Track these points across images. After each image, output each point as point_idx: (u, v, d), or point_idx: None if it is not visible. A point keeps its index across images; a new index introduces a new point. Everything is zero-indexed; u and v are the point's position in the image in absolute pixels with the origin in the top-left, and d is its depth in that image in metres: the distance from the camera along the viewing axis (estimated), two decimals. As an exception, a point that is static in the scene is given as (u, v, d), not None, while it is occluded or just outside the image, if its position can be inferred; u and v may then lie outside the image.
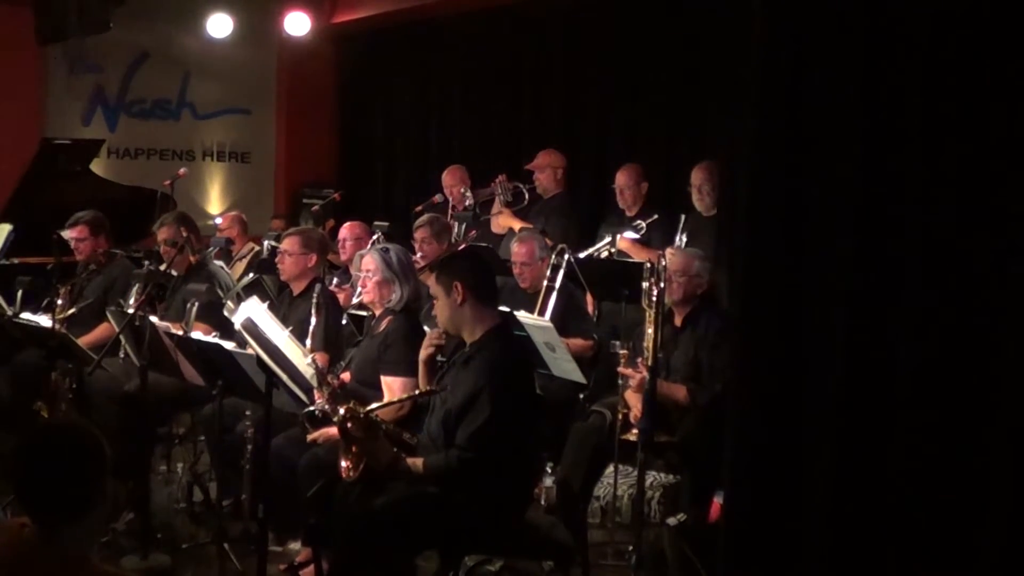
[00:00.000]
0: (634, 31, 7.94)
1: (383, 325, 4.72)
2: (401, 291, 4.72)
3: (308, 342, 5.08)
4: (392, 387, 4.48)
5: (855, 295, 3.49)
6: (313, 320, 5.15)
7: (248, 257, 7.99)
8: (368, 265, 4.78)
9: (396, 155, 10.26)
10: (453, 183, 7.73)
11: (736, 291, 4.30)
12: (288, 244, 5.55)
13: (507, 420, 3.66)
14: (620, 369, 4.96)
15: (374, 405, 3.92)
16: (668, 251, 5.45)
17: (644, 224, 6.51)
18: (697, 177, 6.22)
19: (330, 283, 6.47)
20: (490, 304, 3.93)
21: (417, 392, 4.03)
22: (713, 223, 5.95)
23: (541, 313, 5.64)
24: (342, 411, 3.80)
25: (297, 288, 5.57)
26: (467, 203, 7.41)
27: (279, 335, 4.72)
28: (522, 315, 5.26)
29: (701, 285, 5.11)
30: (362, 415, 3.79)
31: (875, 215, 3.48)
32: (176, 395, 5.47)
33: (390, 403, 4.01)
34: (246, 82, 10.78)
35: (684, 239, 6.16)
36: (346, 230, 7.05)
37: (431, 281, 3.94)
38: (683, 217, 6.29)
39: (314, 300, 5.21)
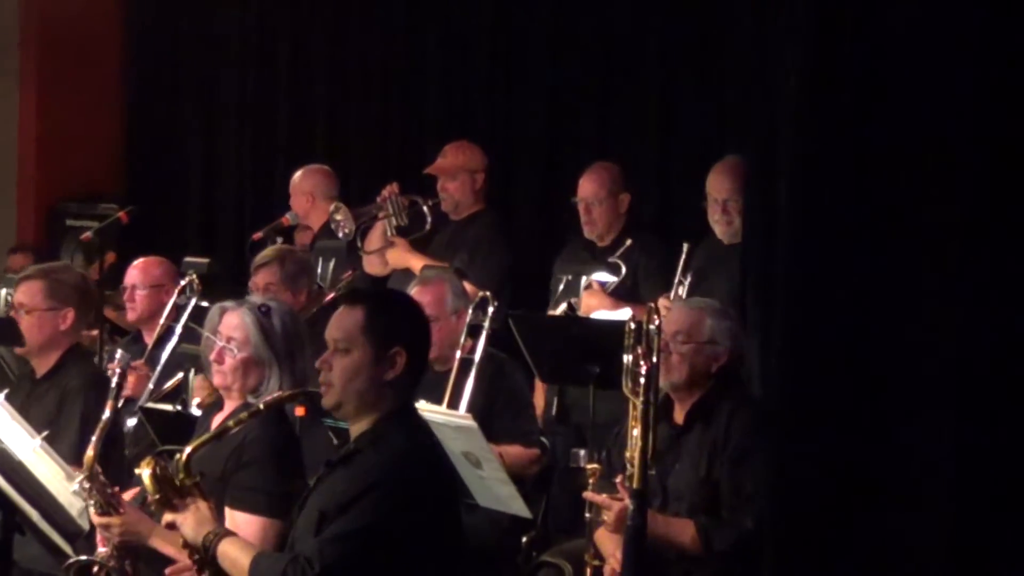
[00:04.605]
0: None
1: (238, 428, 4.65)
2: (280, 381, 4.65)
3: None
4: (243, 529, 4.40)
5: (969, 363, 3.51)
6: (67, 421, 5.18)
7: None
8: (234, 330, 4.67)
9: (221, 150, 10.19)
10: (308, 193, 7.76)
11: (771, 366, 4.29)
12: (24, 294, 5.49)
13: (390, 545, 3.69)
14: (588, 495, 4.91)
15: (194, 443, 4.09)
16: (662, 302, 5.43)
17: (620, 262, 6.54)
18: (719, 185, 6.17)
19: (111, 360, 6.34)
20: (413, 384, 4.02)
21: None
22: (737, 256, 5.96)
23: (453, 403, 5.60)
24: (148, 471, 3.94)
25: (41, 365, 5.52)
26: (343, 231, 7.38)
27: (25, 445, 4.64)
28: (426, 407, 5.16)
29: (718, 356, 5.08)
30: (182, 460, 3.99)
31: (998, 240, 3.52)
32: None
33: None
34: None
35: (688, 283, 6.17)
36: (138, 271, 6.90)
37: (341, 324, 3.91)
38: (686, 247, 6.28)
39: (66, 387, 5.21)
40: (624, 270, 6.52)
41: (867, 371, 3.82)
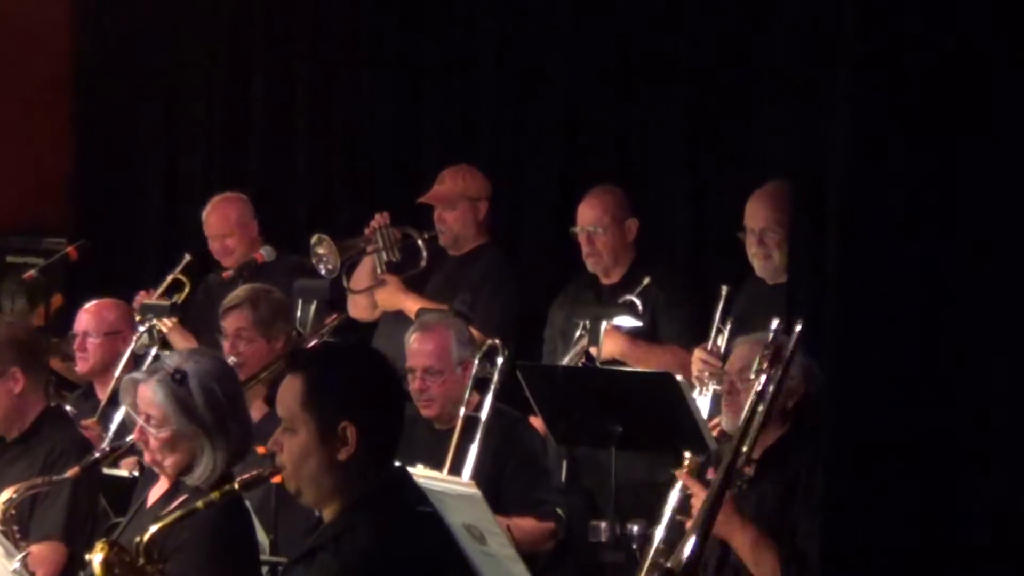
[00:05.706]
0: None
1: (176, 503, 4.64)
2: (213, 457, 4.63)
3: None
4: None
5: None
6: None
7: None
8: (149, 406, 4.66)
9: (184, 176, 10.16)
10: (246, 224, 7.86)
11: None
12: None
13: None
14: (680, 473, 4.84)
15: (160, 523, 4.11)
16: (698, 354, 5.38)
17: (637, 300, 6.52)
18: (755, 214, 6.20)
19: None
20: (384, 460, 3.92)
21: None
22: (783, 298, 5.93)
23: (456, 468, 5.61)
24: (100, 556, 3.98)
25: (12, 430, 5.59)
26: (326, 267, 7.36)
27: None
28: (423, 473, 5.20)
29: (791, 392, 5.08)
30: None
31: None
32: None
33: None
34: None
35: (728, 330, 6.14)
36: (90, 316, 6.95)
37: (283, 399, 3.85)
38: (725, 290, 6.28)
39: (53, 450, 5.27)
40: (641, 309, 6.48)
41: (927, 422, 3.82)
